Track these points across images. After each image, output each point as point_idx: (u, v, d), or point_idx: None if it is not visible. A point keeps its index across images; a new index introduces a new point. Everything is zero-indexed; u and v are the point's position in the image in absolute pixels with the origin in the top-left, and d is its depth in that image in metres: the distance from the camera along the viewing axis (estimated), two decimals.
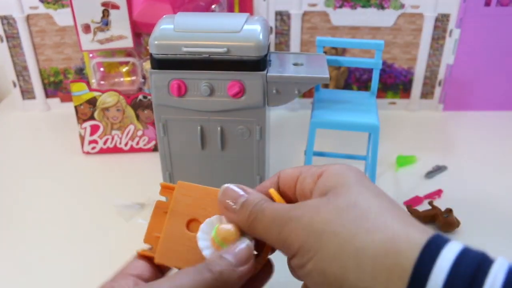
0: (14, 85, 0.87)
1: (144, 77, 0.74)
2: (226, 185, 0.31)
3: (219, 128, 0.52)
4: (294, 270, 0.28)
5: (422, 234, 0.24)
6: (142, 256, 0.32)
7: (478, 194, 0.66)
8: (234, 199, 0.30)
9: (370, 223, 0.24)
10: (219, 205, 0.31)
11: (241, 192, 0.30)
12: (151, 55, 0.49)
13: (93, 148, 0.75)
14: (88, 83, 0.71)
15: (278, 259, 0.31)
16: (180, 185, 0.33)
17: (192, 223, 0.32)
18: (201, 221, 0.31)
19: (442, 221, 0.58)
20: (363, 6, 0.80)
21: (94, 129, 0.74)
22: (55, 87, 0.88)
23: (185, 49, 0.48)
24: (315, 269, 0.25)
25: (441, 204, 0.61)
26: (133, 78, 0.75)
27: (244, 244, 0.28)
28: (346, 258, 0.24)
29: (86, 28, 0.69)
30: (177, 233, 0.32)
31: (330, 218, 0.25)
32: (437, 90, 0.88)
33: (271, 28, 0.83)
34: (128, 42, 0.70)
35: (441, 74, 0.86)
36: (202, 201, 0.32)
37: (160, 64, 0.49)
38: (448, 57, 0.84)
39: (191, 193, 0.33)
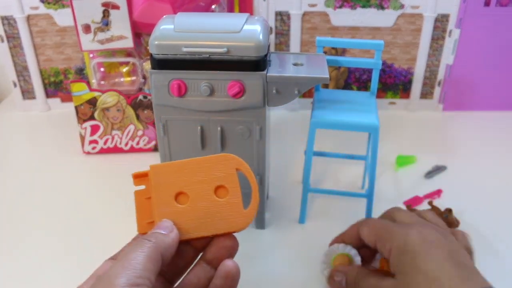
0: (15, 85, 0.87)
1: (144, 77, 0.74)
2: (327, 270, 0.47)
3: (219, 128, 0.52)
4: None
5: None
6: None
7: (477, 194, 0.66)
8: (339, 279, 0.45)
9: None
10: (332, 285, 0.46)
11: (340, 278, 0.45)
12: (151, 55, 0.49)
13: (94, 148, 0.75)
14: (88, 83, 0.71)
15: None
16: (153, 168, 0.35)
17: (180, 196, 0.34)
18: (188, 192, 0.34)
19: None
20: (363, 7, 0.81)
21: (95, 129, 0.74)
22: (56, 87, 0.88)
23: (185, 49, 0.48)
24: None
25: (441, 204, 0.61)
26: (133, 78, 0.75)
27: (167, 221, 0.34)
28: None
29: (87, 28, 0.69)
30: (170, 211, 0.34)
31: None
32: (437, 90, 0.88)
33: (271, 28, 0.83)
34: (128, 42, 0.70)
35: (440, 74, 0.86)
36: (181, 175, 0.34)
37: (160, 64, 0.49)
38: (447, 57, 0.84)
39: (168, 171, 0.35)
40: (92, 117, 0.73)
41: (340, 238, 0.48)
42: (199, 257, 0.35)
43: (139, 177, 0.35)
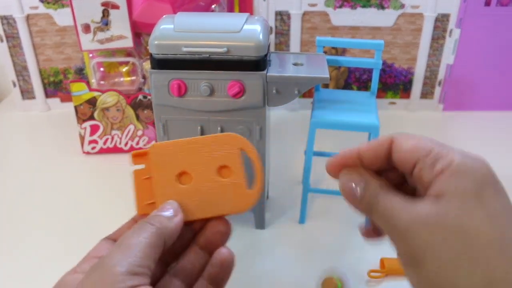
0: (14, 85, 0.87)
1: (144, 77, 0.74)
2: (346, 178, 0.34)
3: (219, 128, 0.52)
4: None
5: None
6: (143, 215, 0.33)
7: None
8: (354, 186, 0.32)
9: (473, 258, 0.26)
10: (342, 193, 0.33)
11: (361, 185, 0.32)
12: (151, 55, 0.49)
13: (93, 148, 0.75)
14: (88, 83, 0.71)
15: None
16: (154, 147, 0.33)
17: (182, 177, 0.33)
18: (190, 172, 0.33)
19: None
20: (363, 6, 0.80)
21: (94, 129, 0.74)
22: (55, 87, 0.88)
23: (185, 49, 0.48)
24: (417, 278, 0.28)
25: None
26: (133, 78, 0.75)
27: (173, 202, 0.32)
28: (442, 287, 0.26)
29: (86, 28, 0.69)
30: (172, 192, 0.33)
31: (434, 242, 0.27)
32: (437, 90, 0.88)
33: (271, 28, 0.83)
34: (128, 42, 0.70)
35: (441, 74, 0.86)
36: (183, 154, 0.33)
37: (160, 64, 0.49)
38: (448, 57, 0.84)
39: (169, 150, 0.33)
40: (91, 117, 0.73)
41: (350, 156, 0.34)
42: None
43: (138, 156, 0.33)
